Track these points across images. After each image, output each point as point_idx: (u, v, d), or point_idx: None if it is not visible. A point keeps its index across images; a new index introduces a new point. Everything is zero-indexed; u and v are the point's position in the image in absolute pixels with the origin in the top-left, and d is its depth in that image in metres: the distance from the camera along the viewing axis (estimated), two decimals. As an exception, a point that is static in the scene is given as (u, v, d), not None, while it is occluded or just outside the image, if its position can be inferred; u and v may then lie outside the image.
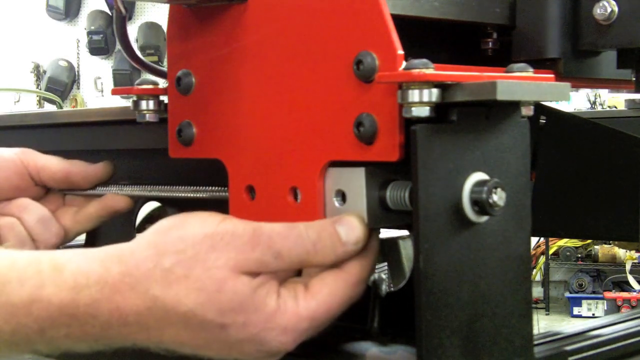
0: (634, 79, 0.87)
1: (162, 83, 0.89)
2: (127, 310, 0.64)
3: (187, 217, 0.68)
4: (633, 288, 6.01)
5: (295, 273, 0.70)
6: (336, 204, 0.69)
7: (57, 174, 0.91)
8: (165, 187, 0.89)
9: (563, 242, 6.22)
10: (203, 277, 0.64)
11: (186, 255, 0.65)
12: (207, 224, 0.67)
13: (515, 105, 0.66)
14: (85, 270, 0.65)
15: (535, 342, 0.71)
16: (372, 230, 0.68)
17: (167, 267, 0.64)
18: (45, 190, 0.93)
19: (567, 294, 6.31)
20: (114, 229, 0.99)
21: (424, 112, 0.60)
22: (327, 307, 0.66)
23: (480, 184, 0.62)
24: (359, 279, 0.67)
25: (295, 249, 0.65)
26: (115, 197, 0.91)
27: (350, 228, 0.66)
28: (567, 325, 1.06)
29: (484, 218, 0.63)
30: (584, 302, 6.19)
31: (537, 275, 6.30)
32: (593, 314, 6.09)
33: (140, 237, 0.68)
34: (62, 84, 6.72)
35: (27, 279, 0.64)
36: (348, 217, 0.67)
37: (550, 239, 5.95)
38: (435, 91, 0.60)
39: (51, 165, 0.91)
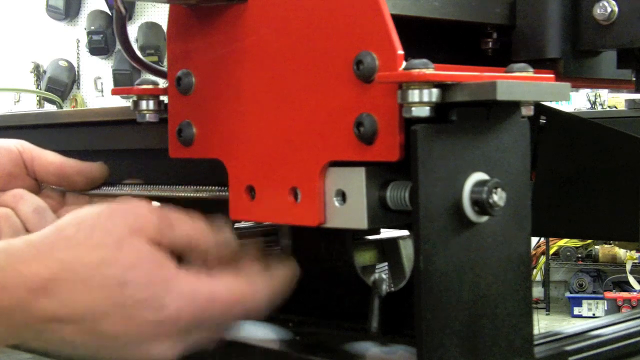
0: (634, 79, 0.87)
1: (162, 83, 0.89)
2: (31, 277, 0.64)
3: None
4: (633, 288, 6.01)
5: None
6: (336, 204, 0.69)
7: (50, 166, 0.90)
8: (165, 187, 0.89)
9: (563, 242, 6.22)
10: (103, 238, 0.66)
11: (86, 224, 0.67)
12: (104, 204, 0.71)
13: (515, 105, 0.66)
14: None
15: (536, 342, 0.71)
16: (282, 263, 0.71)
17: (68, 235, 0.66)
18: (38, 185, 0.92)
19: (568, 294, 6.31)
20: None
21: (424, 112, 0.60)
22: (228, 295, 0.67)
23: (480, 184, 0.62)
24: (266, 291, 0.70)
25: (186, 226, 0.70)
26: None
27: (228, 231, 0.72)
28: (568, 325, 1.06)
29: (484, 218, 0.63)
30: (584, 302, 6.19)
31: (537, 275, 6.30)
32: (593, 314, 6.09)
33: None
34: (62, 84, 6.72)
35: None
36: (225, 227, 0.72)
37: (550, 239, 5.96)
38: (435, 91, 0.60)
39: (46, 156, 0.91)
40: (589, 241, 6.09)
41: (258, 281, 0.70)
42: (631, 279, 6.01)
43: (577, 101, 6.20)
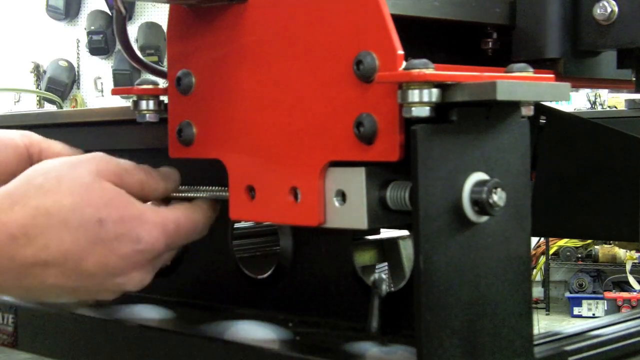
0: (634, 79, 0.87)
1: (162, 83, 0.89)
2: (11, 224, 0.69)
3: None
4: (633, 288, 6.01)
5: None
6: (336, 204, 0.69)
7: (59, 155, 0.91)
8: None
9: (563, 242, 6.22)
10: (72, 185, 0.71)
11: (52, 174, 0.72)
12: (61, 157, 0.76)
13: (515, 105, 0.66)
14: None
15: (535, 342, 0.71)
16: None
17: (38, 183, 0.71)
18: None
19: (568, 294, 6.31)
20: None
21: (424, 112, 0.60)
22: (189, 219, 0.76)
23: (480, 184, 0.62)
24: (205, 216, 0.79)
25: (139, 171, 0.77)
26: None
27: (168, 173, 0.81)
28: (567, 325, 1.06)
29: (484, 218, 0.63)
30: (584, 302, 6.19)
31: (537, 275, 6.30)
32: (593, 314, 6.09)
33: None
34: (62, 84, 6.72)
35: None
36: (165, 168, 0.81)
37: (550, 239, 5.96)
38: (435, 91, 0.60)
39: (54, 148, 0.91)
40: (589, 241, 6.09)
41: (199, 210, 0.79)
42: (631, 279, 6.01)
43: (577, 101, 6.20)
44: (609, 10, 0.78)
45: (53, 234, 0.69)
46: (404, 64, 0.62)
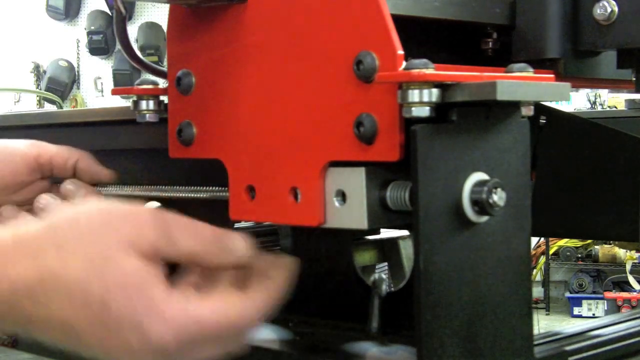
0: (634, 79, 0.87)
1: (162, 83, 0.89)
2: (17, 278, 0.62)
3: (82, 203, 0.69)
4: (633, 288, 6.01)
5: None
6: (336, 204, 0.69)
7: (68, 161, 0.92)
8: (165, 187, 0.89)
9: (563, 242, 6.22)
10: (92, 250, 0.62)
11: (79, 228, 0.64)
12: (103, 203, 0.66)
13: (515, 105, 0.66)
14: None
15: (535, 342, 0.71)
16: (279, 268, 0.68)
17: (59, 238, 0.63)
18: (50, 185, 0.93)
19: (568, 294, 6.31)
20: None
21: (424, 112, 0.60)
22: (218, 319, 0.63)
23: (480, 184, 0.62)
24: (258, 308, 0.66)
25: (189, 239, 0.65)
26: None
27: (237, 242, 0.67)
28: (567, 325, 1.06)
29: (484, 218, 0.63)
30: (584, 302, 6.19)
31: (537, 275, 6.30)
32: (593, 314, 6.09)
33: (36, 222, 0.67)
34: (62, 84, 6.72)
35: None
36: (235, 234, 0.68)
37: (550, 239, 5.95)
38: (435, 91, 0.60)
39: (63, 153, 0.92)
40: (589, 241, 6.09)
41: (250, 303, 0.66)
42: (631, 279, 6.01)
43: (577, 101, 6.19)
44: (609, 10, 0.78)
45: (55, 301, 0.62)
46: (404, 64, 0.62)
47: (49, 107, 6.43)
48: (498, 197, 0.62)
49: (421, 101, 0.60)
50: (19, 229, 0.65)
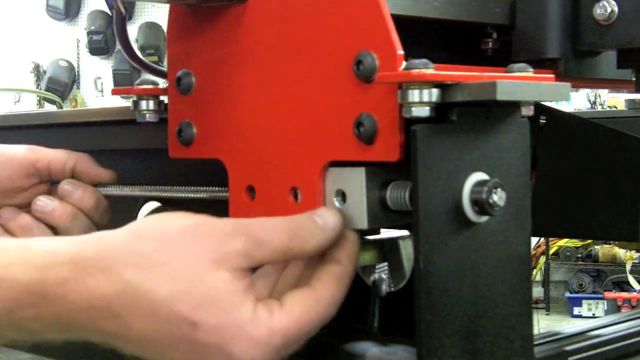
0: (634, 79, 0.87)
1: (162, 83, 0.89)
2: (97, 294, 0.60)
3: (167, 214, 0.66)
4: (633, 288, 6.01)
5: (278, 273, 0.69)
6: (336, 204, 0.69)
7: (67, 165, 0.92)
8: (165, 187, 0.89)
9: (563, 242, 6.22)
10: (179, 267, 0.61)
11: (165, 243, 0.62)
12: (186, 217, 0.65)
13: (515, 105, 0.66)
14: (55, 250, 0.62)
15: (535, 342, 0.71)
16: (349, 248, 0.67)
17: (143, 252, 0.61)
18: (48, 188, 0.93)
19: (567, 294, 6.31)
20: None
21: (424, 112, 0.60)
22: (299, 325, 0.63)
23: (480, 184, 0.62)
24: (331, 300, 0.66)
25: (276, 234, 0.64)
26: None
27: (325, 216, 0.66)
28: (567, 325, 1.06)
29: (484, 218, 0.63)
30: (584, 302, 6.18)
31: (537, 275, 6.30)
32: (593, 314, 6.09)
33: (120, 228, 0.65)
34: (62, 84, 6.72)
35: None
36: (321, 209, 0.67)
37: (550, 239, 5.95)
38: (435, 91, 0.60)
39: (61, 156, 0.92)
40: (589, 241, 6.09)
41: (325, 295, 0.66)
42: (631, 279, 6.01)
43: (577, 101, 6.19)
44: (609, 10, 0.78)
45: (138, 319, 0.60)
46: (404, 64, 0.62)
47: (49, 107, 6.43)
48: (498, 197, 0.62)
49: (421, 101, 0.60)
50: (100, 239, 0.63)
